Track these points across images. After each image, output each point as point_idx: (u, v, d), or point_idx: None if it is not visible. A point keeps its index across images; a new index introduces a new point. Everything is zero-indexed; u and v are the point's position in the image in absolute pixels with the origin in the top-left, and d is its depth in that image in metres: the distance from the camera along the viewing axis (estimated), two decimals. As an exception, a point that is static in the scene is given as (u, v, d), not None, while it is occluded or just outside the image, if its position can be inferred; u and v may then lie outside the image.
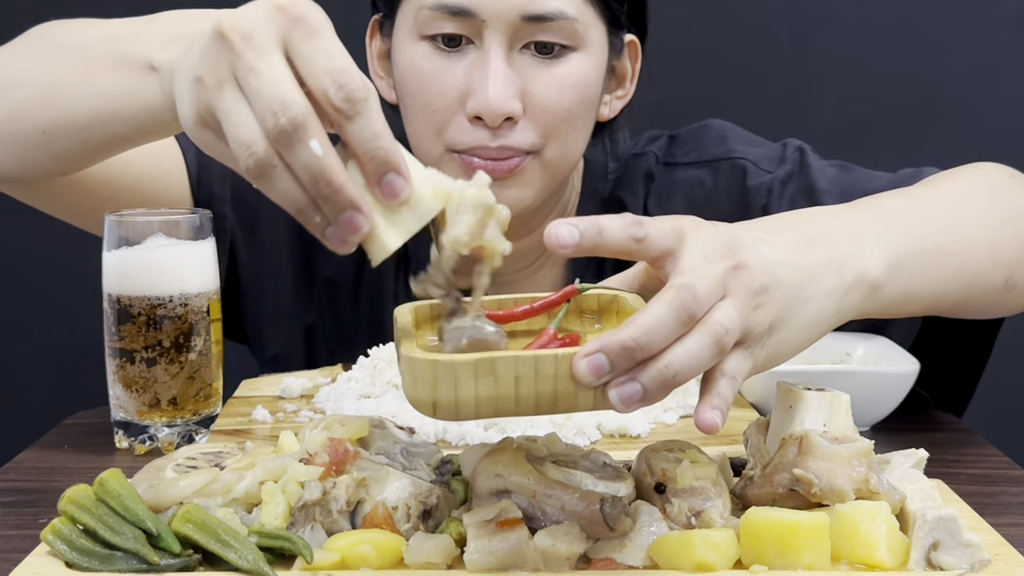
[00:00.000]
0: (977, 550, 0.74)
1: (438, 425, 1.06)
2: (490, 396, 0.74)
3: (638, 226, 0.79)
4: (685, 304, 0.75)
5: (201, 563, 0.74)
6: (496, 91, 1.16)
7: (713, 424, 0.76)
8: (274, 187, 0.76)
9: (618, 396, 0.74)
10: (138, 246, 1.06)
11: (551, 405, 0.75)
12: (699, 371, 0.77)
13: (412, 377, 0.74)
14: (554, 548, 0.72)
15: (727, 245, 0.81)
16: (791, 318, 0.84)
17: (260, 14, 0.75)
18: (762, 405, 1.14)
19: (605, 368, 0.73)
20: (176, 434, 1.06)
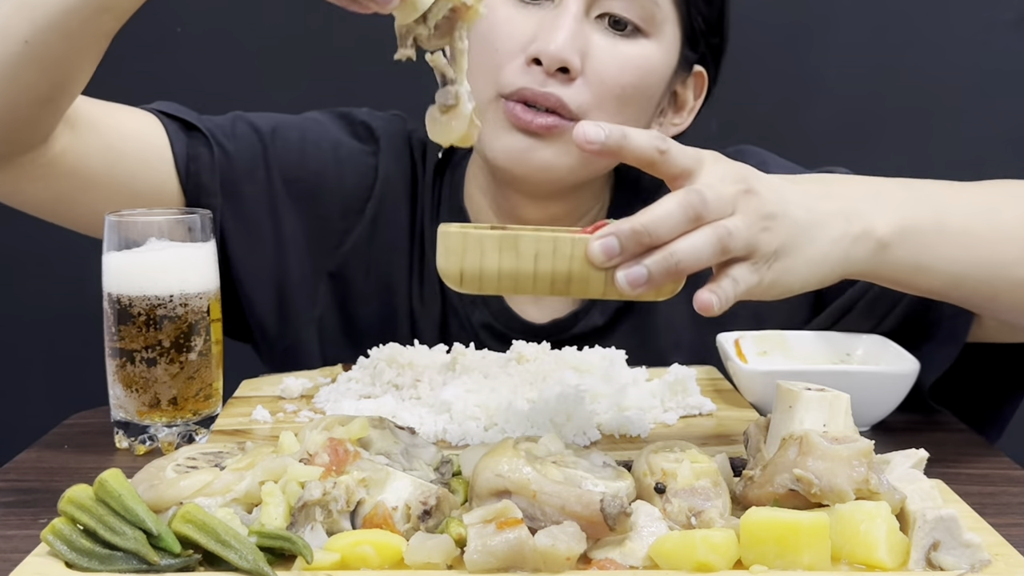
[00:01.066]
0: (977, 550, 0.74)
1: (438, 425, 1.06)
2: (511, 270, 0.84)
3: (662, 140, 0.88)
4: (693, 203, 0.85)
5: (201, 563, 0.74)
6: (562, 38, 1.17)
7: (708, 303, 0.85)
8: None
9: (625, 277, 0.83)
10: (138, 247, 1.06)
11: (565, 285, 0.84)
12: (701, 264, 0.85)
13: (445, 249, 0.84)
14: (554, 548, 0.72)
15: (743, 175, 0.90)
16: (797, 250, 0.90)
17: None
18: (762, 405, 1.14)
19: (616, 250, 0.83)
20: (176, 434, 1.06)
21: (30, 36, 1.06)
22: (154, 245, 1.06)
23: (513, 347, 1.19)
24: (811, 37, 2.12)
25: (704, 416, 1.14)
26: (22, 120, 1.12)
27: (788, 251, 0.90)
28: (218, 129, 1.33)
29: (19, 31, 1.06)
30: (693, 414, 1.14)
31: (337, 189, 1.35)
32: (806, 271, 0.92)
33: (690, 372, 1.17)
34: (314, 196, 1.35)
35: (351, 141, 1.37)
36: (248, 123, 1.35)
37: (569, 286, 0.84)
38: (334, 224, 1.35)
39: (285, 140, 1.35)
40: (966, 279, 1.02)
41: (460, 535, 0.74)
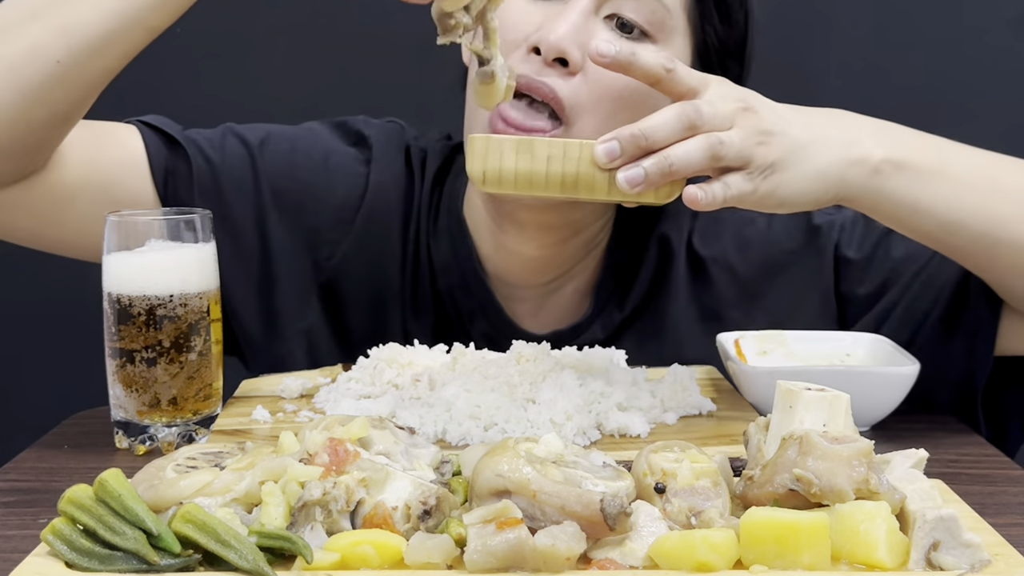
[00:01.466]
0: (977, 550, 0.74)
1: (438, 425, 1.06)
2: (526, 170, 0.97)
3: (669, 60, 0.98)
4: (688, 114, 0.95)
5: (201, 563, 0.74)
6: (563, 29, 1.15)
7: (693, 197, 0.96)
8: None
9: (624, 177, 0.95)
10: (138, 247, 1.06)
11: (573, 186, 0.97)
12: (692, 169, 0.95)
13: (471, 151, 0.98)
14: (554, 548, 0.72)
15: (744, 96, 0.99)
16: (794, 165, 0.98)
17: None
18: (762, 405, 1.14)
19: (617, 152, 0.95)
20: (176, 434, 1.06)
21: (63, 57, 1.07)
22: (154, 246, 1.06)
23: (513, 347, 1.19)
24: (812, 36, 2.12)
25: (704, 416, 1.14)
26: (35, 138, 1.13)
27: (784, 165, 0.98)
28: (206, 142, 1.31)
29: (52, 51, 1.07)
30: (693, 414, 1.14)
31: (326, 200, 1.33)
32: (801, 184, 0.99)
33: (690, 372, 1.18)
34: (303, 207, 1.33)
35: (344, 150, 1.36)
36: (237, 136, 1.33)
37: (577, 187, 0.97)
38: (324, 235, 1.34)
39: (274, 152, 1.33)
40: (962, 227, 1.05)
41: (460, 535, 0.74)
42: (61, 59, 1.07)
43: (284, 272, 1.34)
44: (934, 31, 2.10)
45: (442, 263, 1.34)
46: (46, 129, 1.13)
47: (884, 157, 1.03)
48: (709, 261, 1.34)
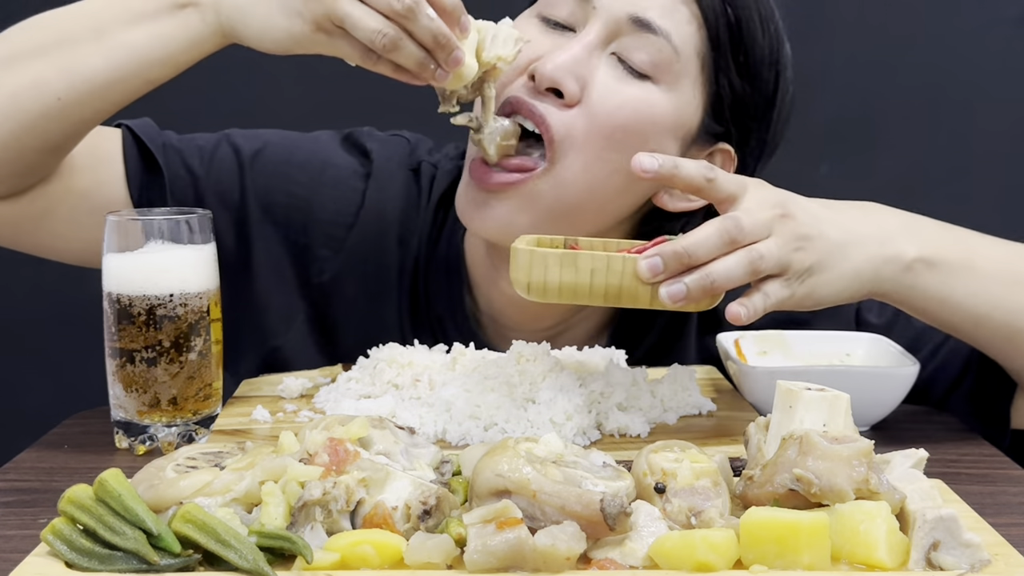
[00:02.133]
0: (977, 550, 0.74)
1: (438, 425, 1.06)
2: (571, 283, 0.98)
3: (710, 170, 1.00)
4: (728, 229, 0.97)
5: (201, 563, 0.74)
6: (561, 59, 1.14)
7: (736, 314, 0.98)
8: (401, 54, 1.03)
9: (667, 293, 0.97)
10: (138, 247, 1.06)
11: (616, 297, 0.98)
12: (733, 283, 0.98)
13: (515, 263, 1.00)
14: (554, 548, 0.72)
15: (781, 200, 1.01)
16: (831, 267, 1.01)
17: None
18: (762, 405, 1.14)
19: (660, 268, 0.97)
20: (176, 434, 1.06)
21: (64, 95, 1.10)
22: (154, 246, 1.06)
23: (513, 347, 1.19)
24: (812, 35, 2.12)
25: (704, 416, 1.14)
26: (24, 164, 1.15)
27: (821, 267, 1.01)
28: (195, 150, 1.29)
29: (55, 88, 1.10)
30: (693, 414, 1.14)
31: (318, 215, 1.30)
32: (838, 285, 1.02)
33: (690, 372, 1.17)
34: (293, 222, 1.30)
35: (343, 164, 1.32)
36: (232, 144, 1.31)
37: (620, 298, 0.98)
38: (315, 252, 1.30)
39: (267, 163, 1.30)
40: (988, 319, 1.08)
41: (460, 535, 0.74)
42: (62, 97, 1.11)
43: (266, 288, 1.31)
44: (935, 30, 2.10)
45: (436, 290, 1.32)
46: (37, 156, 1.15)
47: (917, 255, 1.05)
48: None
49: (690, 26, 1.16)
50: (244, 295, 1.31)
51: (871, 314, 1.30)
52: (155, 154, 1.27)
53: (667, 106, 1.17)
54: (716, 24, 1.17)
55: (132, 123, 1.28)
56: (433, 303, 1.32)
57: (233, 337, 1.31)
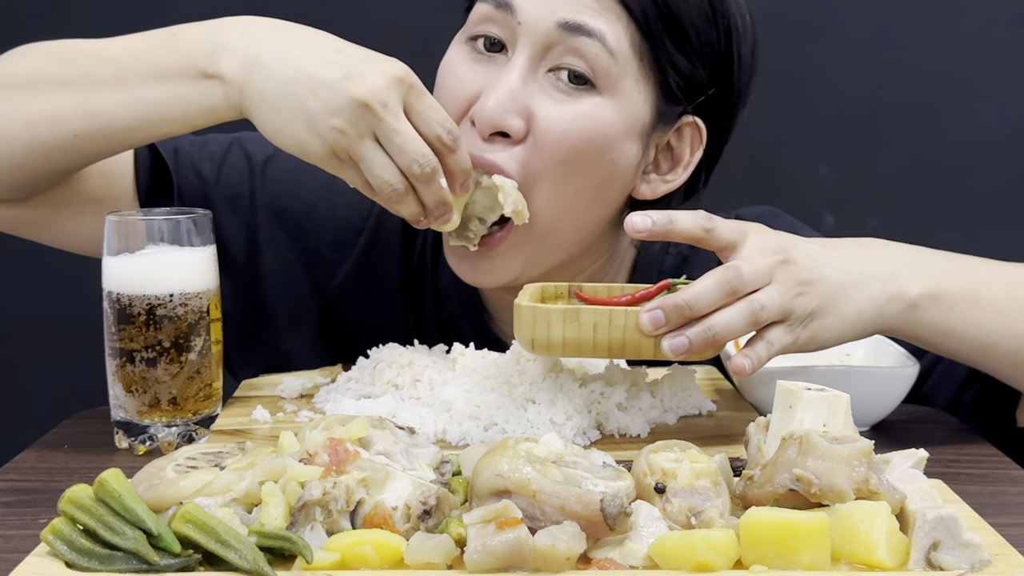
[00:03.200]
0: (977, 550, 0.74)
1: (438, 425, 1.06)
2: (574, 338, 0.99)
3: (708, 220, 1.00)
4: (729, 279, 0.97)
5: (201, 563, 0.74)
6: (497, 100, 1.12)
7: (741, 367, 0.98)
8: (402, 207, 1.07)
9: (669, 346, 0.97)
10: (139, 247, 1.06)
11: (620, 350, 0.99)
12: (735, 335, 0.98)
13: (519, 320, 1.01)
14: (554, 548, 0.72)
15: (781, 245, 1.01)
16: (833, 310, 1.01)
17: (386, 82, 1.03)
18: (762, 405, 1.14)
19: (661, 321, 0.97)
20: (176, 434, 1.06)
21: (81, 132, 1.12)
22: (154, 247, 1.06)
23: (513, 347, 1.19)
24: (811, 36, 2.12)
25: (704, 416, 1.14)
26: (32, 182, 1.17)
27: (824, 311, 1.00)
28: (206, 155, 1.30)
29: (72, 124, 1.11)
30: (693, 414, 1.14)
31: (329, 221, 1.31)
32: (841, 327, 1.02)
33: (690, 372, 1.17)
34: (305, 228, 1.31)
35: None
36: (243, 149, 1.31)
37: (624, 350, 0.98)
38: (325, 257, 1.31)
39: (277, 170, 1.31)
40: (994, 348, 1.08)
41: (460, 535, 0.74)
42: (79, 134, 1.12)
43: (276, 292, 1.31)
44: (934, 31, 2.10)
45: (444, 288, 1.32)
46: (45, 178, 1.17)
47: (921, 291, 1.04)
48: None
49: (619, 23, 1.13)
50: (253, 300, 1.31)
51: None
52: (165, 158, 1.27)
53: (614, 114, 1.15)
54: (644, 16, 1.14)
55: None
56: (444, 303, 1.33)
57: (243, 342, 1.32)
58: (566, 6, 1.13)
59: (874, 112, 2.13)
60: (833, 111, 2.13)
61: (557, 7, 1.13)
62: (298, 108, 1.04)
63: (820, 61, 2.12)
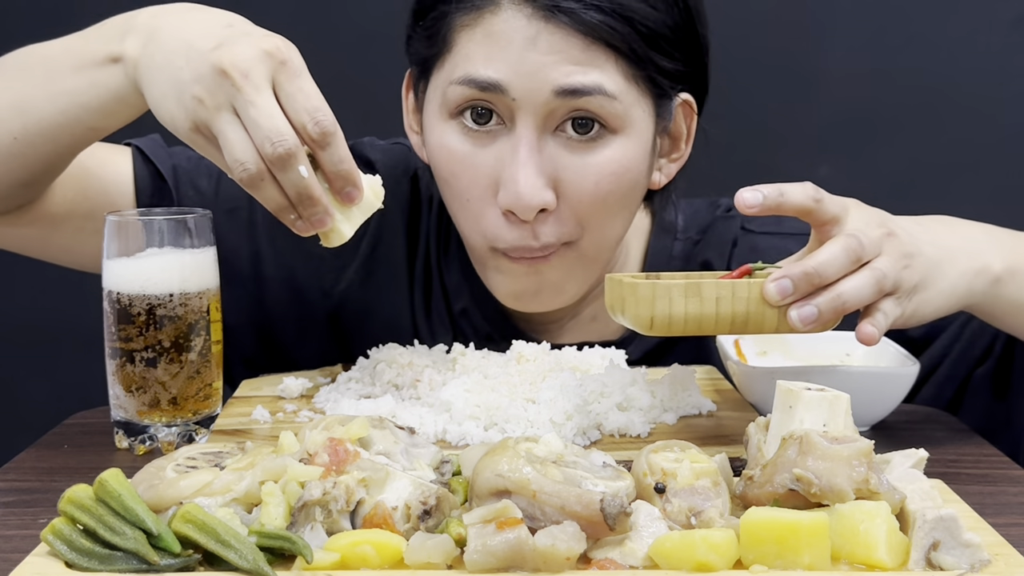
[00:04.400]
0: (977, 550, 0.74)
1: (438, 425, 1.06)
2: (695, 314, 0.95)
3: (816, 191, 0.99)
4: (854, 247, 0.96)
5: (201, 563, 0.74)
6: (527, 184, 1.11)
7: (871, 334, 0.97)
8: (261, 194, 0.97)
9: (798, 316, 0.95)
10: (138, 247, 1.06)
11: (743, 325, 0.95)
12: (862, 303, 0.97)
13: (635, 298, 0.95)
14: (554, 548, 0.72)
15: (882, 219, 1.02)
16: (932, 284, 1.02)
17: (254, 54, 0.94)
18: (762, 405, 1.14)
19: (789, 290, 0.94)
20: (176, 434, 1.06)
21: (20, 134, 1.10)
22: (154, 249, 1.06)
23: (513, 347, 1.19)
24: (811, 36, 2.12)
25: (704, 416, 1.14)
26: (8, 194, 1.16)
27: (925, 285, 1.01)
28: (203, 169, 1.29)
29: (10, 127, 1.11)
30: (693, 414, 1.14)
31: None
32: (938, 301, 1.03)
33: (690, 372, 1.17)
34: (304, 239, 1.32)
35: None
36: None
37: (747, 325, 0.95)
38: (329, 263, 1.31)
39: None
40: None
41: (460, 535, 0.74)
42: (17, 136, 1.11)
43: (281, 300, 1.32)
44: (934, 31, 2.10)
45: (454, 286, 1.33)
46: (11, 190, 1.16)
47: (1003, 267, 1.06)
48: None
49: (610, 63, 1.13)
50: (260, 310, 1.32)
51: None
52: (165, 176, 1.28)
53: (633, 146, 1.17)
54: (631, 48, 1.13)
55: (140, 142, 1.29)
56: (454, 300, 1.33)
57: (254, 354, 1.32)
58: (555, 69, 1.11)
59: (874, 112, 2.13)
60: (833, 111, 2.13)
61: (548, 75, 1.11)
62: (172, 78, 0.98)
63: (820, 61, 2.12)
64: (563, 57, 1.11)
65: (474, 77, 1.13)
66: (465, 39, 1.14)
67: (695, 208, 1.38)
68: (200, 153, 1.01)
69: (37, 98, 1.09)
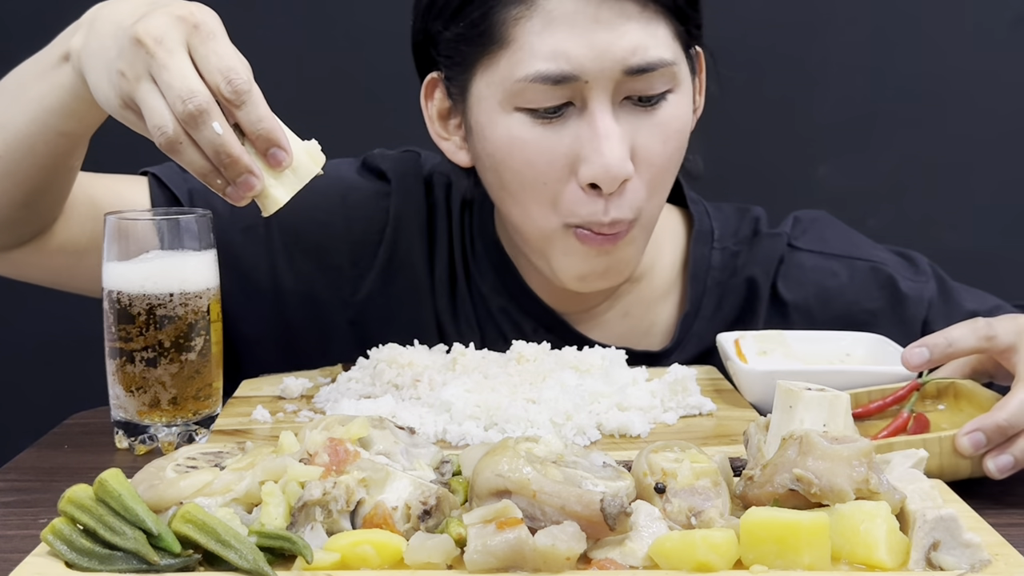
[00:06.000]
0: (977, 550, 0.74)
1: (438, 425, 1.06)
2: None
3: (987, 327, 1.00)
4: None
5: (201, 563, 0.74)
6: (613, 155, 1.13)
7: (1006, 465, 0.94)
8: (182, 158, 0.95)
9: (994, 465, 0.94)
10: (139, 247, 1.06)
11: (938, 474, 0.93)
12: None
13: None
14: (554, 548, 0.72)
15: None
16: None
17: (166, 20, 0.94)
18: (762, 405, 1.14)
19: (983, 443, 0.94)
20: (176, 434, 1.06)
21: (3, 152, 1.12)
22: (155, 249, 1.06)
23: (513, 347, 1.19)
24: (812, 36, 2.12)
25: (704, 416, 1.14)
26: (12, 220, 1.17)
27: None
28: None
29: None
30: (693, 414, 1.14)
31: (345, 238, 1.33)
32: None
33: (690, 372, 1.17)
34: (323, 247, 1.32)
35: (363, 186, 1.35)
36: None
37: (942, 474, 0.94)
38: (346, 273, 1.33)
39: None
40: None
41: (460, 535, 0.74)
42: (1, 154, 1.12)
43: (304, 312, 1.33)
44: (934, 31, 2.10)
45: (488, 286, 1.34)
46: (13, 212, 1.16)
47: None
48: (791, 306, 1.36)
49: (662, 27, 1.16)
50: (282, 324, 1.33)
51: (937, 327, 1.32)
52: (181, 201, 1.29)
53: (685, 102, 1.21)
54: (677, 6, 1.17)
55: (156, 170, 1.31)
56: (489, 301, 1.34)
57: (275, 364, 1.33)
58: (623, 48, 1.13)
59: (874, 112, 2.13)
60: (833, 111, 2.13)
61: (616, 54, 1.13)
62: (103, 60, 0.99)
63: (820, 61, 2.12)
64: (626, 29, 1.13)
65: (547, 74, 1.13)
66: (524, 32, 1.14)
67: (724, 214, 1.40)
68: (133, 129, 1.00)
69: (12, 112, 1.11)
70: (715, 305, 1.35)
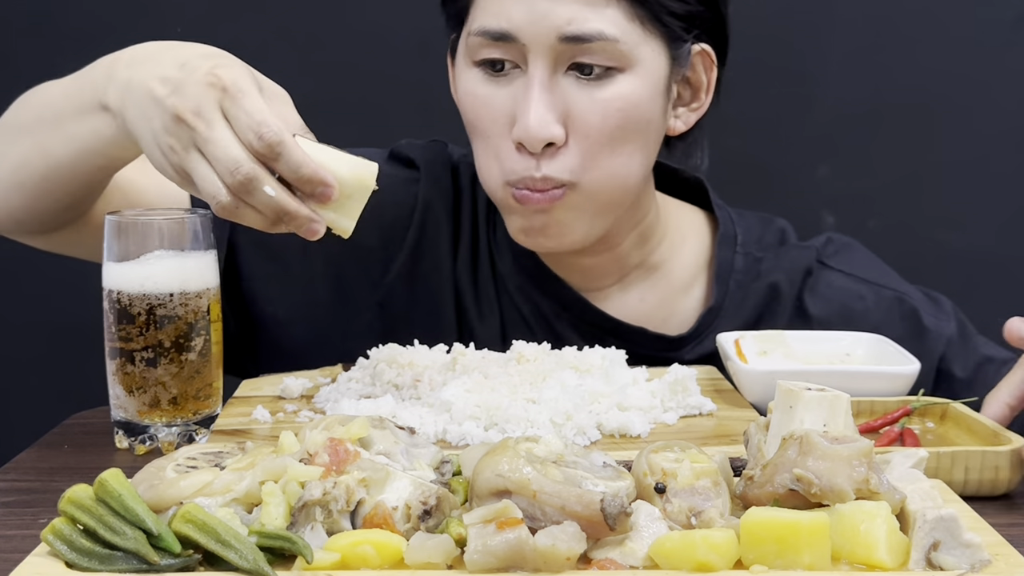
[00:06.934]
0: (977, 550, 0.74)
1: (438, 425, 1.06)
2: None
3: None
4: None
5: (201, 563, 0.74)
6: (536, 117, 1.18)
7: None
8: (242, 220, 1.00)
9: None
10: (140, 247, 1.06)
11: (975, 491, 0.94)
12: None
13: None
14: (554, 548, 0.72)
15: None
16: None
17: (197, 91, 0.98)
18: (762, 405, 1.14)
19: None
20: (176, 434, 1.06)
21: (44, 173, 1.17)
22: (155, 249, 1.06)
23: (513, 347, 1.19)
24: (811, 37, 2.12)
25: (704, 416, 1.14)
26: (49, 218, 1.22)
27: None
28: None
29: (37, 166, 1.17)
30: (693, 414, 1.14)
31: (377, 221, 1.32)
32: None
33: (690, 372, 1.18)
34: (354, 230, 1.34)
35: (392, 173, 1.38)
36: None
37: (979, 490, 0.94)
38: (376, 255, 1.36)
39: None
40: None
41: (460, 535, 0.74)
42: (44, 175, 1.17)
43: (333, 290, 1.36)
44: (934, 31, 2.10)
45: (507, 266, 1.37)
46: (56, 214, 1.22)
47: None
48: (816, 321, 1.37)
49: (610, 6, 1.18)
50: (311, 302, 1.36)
51: (955, 366, 1.34)
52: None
53: (640, 84, 1.22)
54: None
55: None
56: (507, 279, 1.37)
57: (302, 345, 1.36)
58: (560, 16, 1.17)
59: (874, 112, 2.13)
60: (833, 111, 2.13)
61: (552, 21, 1.17)
62: (148, 131, 1.02)
63: (820, 61, 2.12)
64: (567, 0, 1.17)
65: (488, 29, 1.20)
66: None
67: (748, 221, 1.42)
68: (191, 194, 1.04)
69: (52, 142, 1.14)
70: (736, 306, 1.37)
